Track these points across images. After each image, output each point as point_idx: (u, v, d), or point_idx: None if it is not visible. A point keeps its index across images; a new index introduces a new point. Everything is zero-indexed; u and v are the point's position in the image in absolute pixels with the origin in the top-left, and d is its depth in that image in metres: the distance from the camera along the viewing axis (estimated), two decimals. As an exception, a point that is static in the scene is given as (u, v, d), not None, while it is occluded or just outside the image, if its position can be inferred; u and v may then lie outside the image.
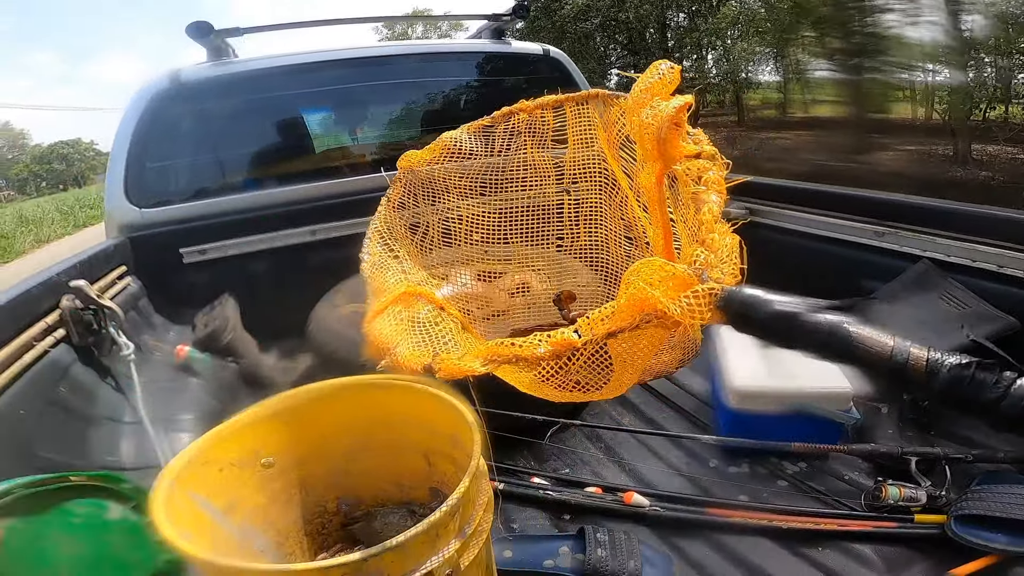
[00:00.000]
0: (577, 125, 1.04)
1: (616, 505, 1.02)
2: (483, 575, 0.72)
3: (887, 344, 0.40)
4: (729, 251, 0.45)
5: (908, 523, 0.92)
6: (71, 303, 1.19)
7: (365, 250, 0.68)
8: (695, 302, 0.42)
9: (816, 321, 0.41)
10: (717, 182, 0.49)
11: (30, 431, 0.97)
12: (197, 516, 0.63)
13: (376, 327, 0.50)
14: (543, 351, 0.44)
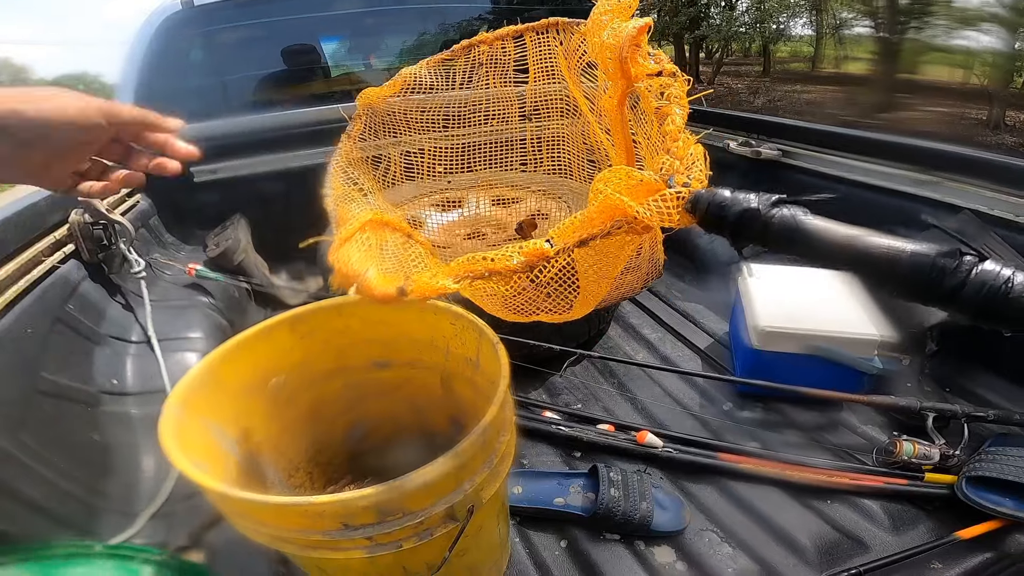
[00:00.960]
0: (538, 54, 1.02)
1: (628, 444, 1.01)
2: (499, 510, 0.71)
3: (848, 234, 0.40)
4: (695, 158, 0.45)
5: (918, 481, 0.91)
6: (80, 217, 1.16)
7: (328, 184, 0.66)
8: (664, 205, 0.42)
9: (781, 216, 0.41)
10: (680, 96, 0.48)
11: (36, 351, 0.95)
12: (208, 444, 0.61)
13: (342, 254, 0.47)
14: (516, 262, 0.42)
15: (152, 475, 0.98)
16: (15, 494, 0.79)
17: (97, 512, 0.89)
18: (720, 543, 0.86)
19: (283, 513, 0.50)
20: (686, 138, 0.46)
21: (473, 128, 1.33)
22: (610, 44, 0.53)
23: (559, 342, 1.20)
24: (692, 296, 1.58)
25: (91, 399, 1.03)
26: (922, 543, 0.82)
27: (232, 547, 0.85)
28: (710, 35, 11.25)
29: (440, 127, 1.29)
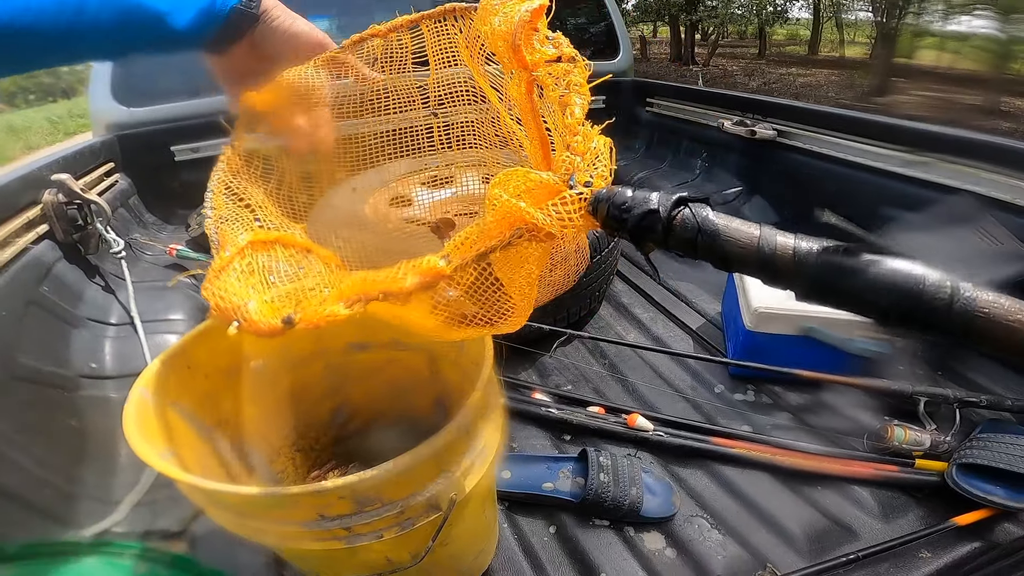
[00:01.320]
0: (437, 44, 0.96)
1: (619, 428, 0.99)
2: (485, 498, 0.69)
3: (753, 235, 0.37)
4: (596, 153, 0.41)
5: (908, 468, 0.90)
6: (53, 197, 1.12)
7: (207, 205, 0.60)
8: (564, 210, 0.38)
9: (684, 218, 0.38)
10: (580, 84, 0.44)
11: (10, 334, 0.93)
12: (182, 431, 0.58)
13: (218, 286, 0.42)
14: (410, 283, 0.38)
15: (132, 462, 0.96)
16: None
17: (76, 500, 0.87)
18: (710, 529, 0.85)
19: (256, 504, 0.48)
20: (586, 131, 0.42)
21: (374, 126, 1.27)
22: (502, 31, 0.49)
23: (549, 322, 1.18)
24: (684, 275, 1.56)
25: (69, 383, 1.00)
26: (913, 531, 0.81)
27: (218, 535, 0.83)
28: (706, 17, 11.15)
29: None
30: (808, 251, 0.35)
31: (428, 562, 0.56)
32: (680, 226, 0.38)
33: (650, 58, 12.72)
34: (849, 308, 0.35)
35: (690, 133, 1.94)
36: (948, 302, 0.31)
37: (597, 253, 1.20)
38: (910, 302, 0.32)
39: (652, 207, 0.38)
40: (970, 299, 0.31)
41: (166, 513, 0.87)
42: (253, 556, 0.80)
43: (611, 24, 2.21)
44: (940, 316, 0.31)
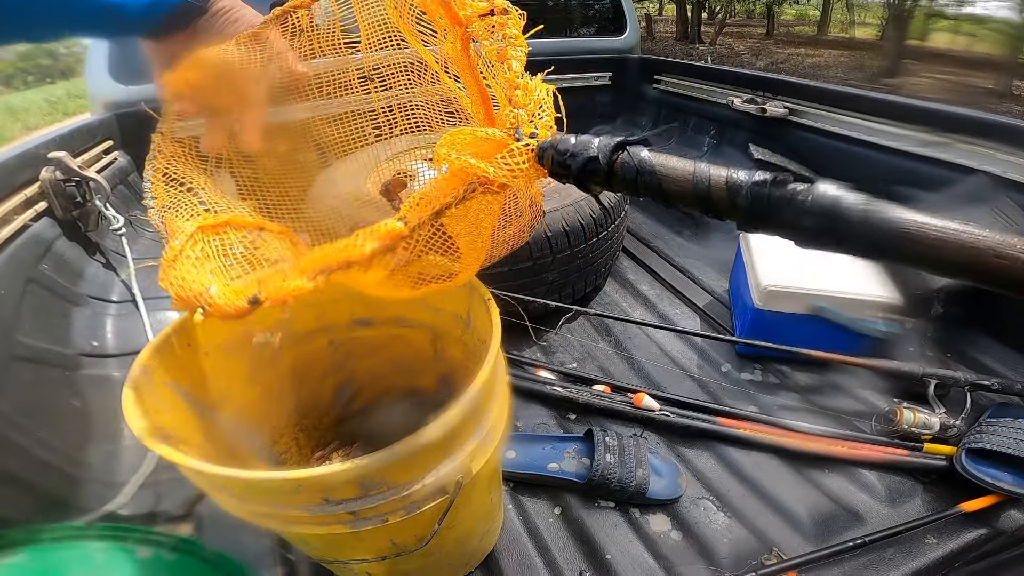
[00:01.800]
0: (364, 9, 0.92)
1: (625, 407, 0.98)
2: (491, 480, 0.68)
3: (688, 171, 0.39)
4: (540, 103, 0.42)
5: (917, 452, 0.89)
6: (51, 175, 1.10)
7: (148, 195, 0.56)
8: (512, 161, 0.40)
9: (623, 161, 0.40)
10: (516, 36, 0.44)
11: (9, 313, 0.91)
12: (183, 412, 0.57)
13: (175, 275, 0.41)
14: (370, 249, 0.38)
15: (136, 443, 0.95)
16: None
17: (80, 483, 0.86)
18: (716, 512, 0.84)
19: (258, 488, 0.46)
20: (525, 83, 0.42)
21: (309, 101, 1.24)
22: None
23: (555, 298, 1.17)
24: (691, 252, 1.55)
25: (70, 362, 0.99)
26: (920, 516, 0.80)
27: (223, 518, 0.83)
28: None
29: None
30: (740, 183, 0.37)
31: (434, 545, 0.55)
32: (620, 169, 0.40)
33: (655, 37, 12.53)
34: (778, 233, 0.37)
35: (698, 110, 1.90)
36: (864, 219, 0.33)
37: (603, 228, 1.19)
38: (830, 222, 0.34)
39: (592, 154, 0.40)
40: (885, 216, 0.33)
41: (170, 495, 0.87)
42: (258, 539, 0.79)
43: (617, 0, 2.16)
44: (857, 232, 0.33)
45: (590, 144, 0.40)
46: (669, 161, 0.40)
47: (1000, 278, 0.31)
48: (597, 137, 0.41)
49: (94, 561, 0.60)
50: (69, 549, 0.60)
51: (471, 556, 0.75)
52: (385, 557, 0.57)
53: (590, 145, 0.40)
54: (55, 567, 0.58)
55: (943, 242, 0.32)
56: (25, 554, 0.57)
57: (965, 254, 0.31)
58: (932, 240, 0.32)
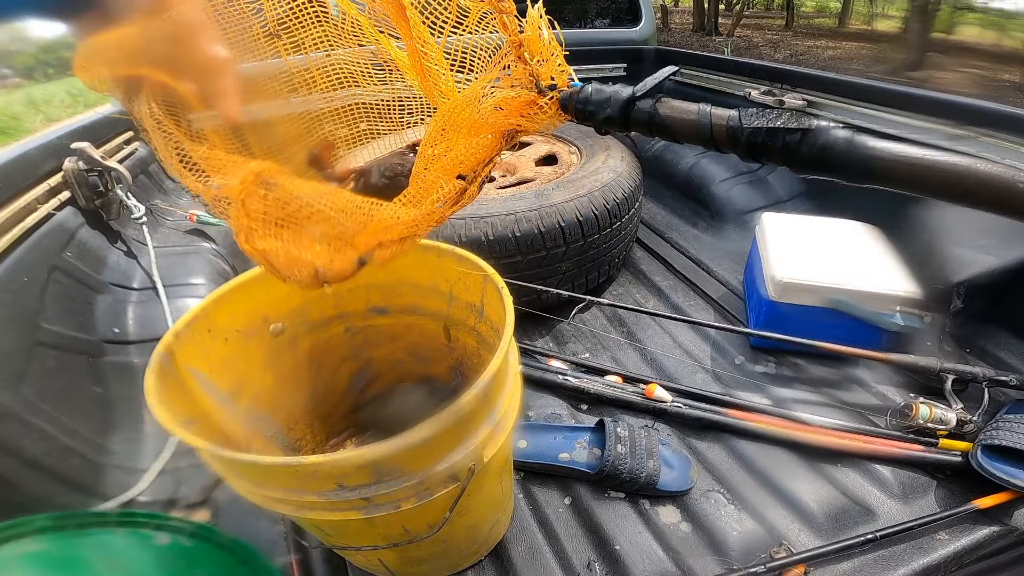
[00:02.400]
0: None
1: (637, 398, 0.98)
2: (503, 468, 0.69)
3: (693, 111, 0.45)
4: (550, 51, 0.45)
5: (932, 447, 0.89)
6: (74, 165, 1.13)
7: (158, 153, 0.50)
8: (543, 114, 0.44)
9: (640, 108, 0.46)
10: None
11: (34, 300, 0.93)
12: (200, 398, 0.58)
13: (266, 248, 0.40)
14: (447, 211, 0.43)
15: (156, 429, 0.97)
16: (16, 452, 0.77)
17: (102, 469, 0.88)
18: (726, 504, 0.84)
19: (275, 474, 0.47)
20: (529, 38, 0.44)
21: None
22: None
23: (568, 288, 1.17)
24: (706, 243, 1.54)
25: (93, 349, 1.01)
26: (933, 512, 0.80)
27: (239, 505, 0.84)
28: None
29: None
30: (738, 129, 0.42)
31: (445, 532, 0.56)
32: (635, 115, 0.46)
33: (671, 28, 12.39)
34: (776, 161, 0.43)
35: (715, 102, 1.88)
36: (848, 148, 0.40)
37: (616, 219, 1.18)
38: (820, 154, 0.41)
39: (609, 112, 0.46)
40: (867, 145, 0.40)
41: (188, 481, 0.89)
42: (272, 526, 0.81)
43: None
44: (846, 159, 0.40)
45: (608, 99, 0.45)
46: (678, 106, 0.45)
47: (954, 193, 0.38)
48: (611, 89, 0.46)
49: (114, 548, 0.61)
50: (90, 536, 0.61)
51: (481, 544, 0.76)
52: (397, 544, 0.57)
53: (608, 100, 0.45)
54: (76, 554, 0.60)
55: (911, 166, 0.39)
56: (47, 541, 0.58)
57: (928, 174, 0.38)
58: (904, 164, 0.39)
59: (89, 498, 0.83)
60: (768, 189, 1.60)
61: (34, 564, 0.57)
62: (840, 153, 0.40)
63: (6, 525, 0.55)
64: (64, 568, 0.59)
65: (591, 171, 1.24)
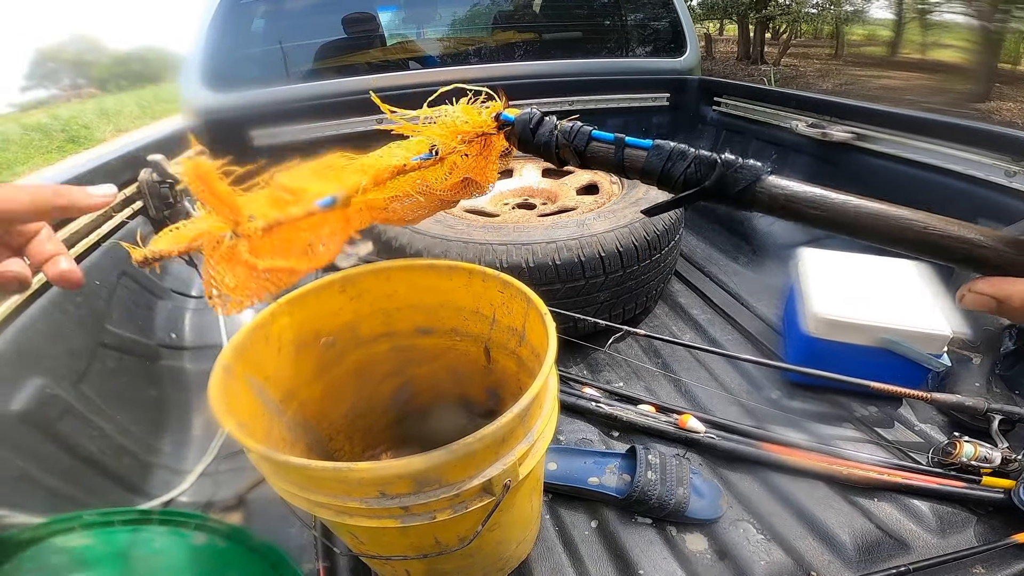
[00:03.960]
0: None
1: (669, 427, 0.99)
2: (534, 488, 0.71)
3: (611, 152, 0.49)
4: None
5: (974, 484, 0.87)
6: (149, 176, 1.21)
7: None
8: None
9: (566, 129, 0.51)
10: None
11: (102, 303, 1.00)
12: (253, 403, 0.62)
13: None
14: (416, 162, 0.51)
15: (201, 433, 1.02)
16: (74, 449, 0.82)
17: (150, 469, 0.93)
18: (755, 534, 0.84)
19: (322, 479, 0.50)
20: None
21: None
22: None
23: (605, 318, 1.19)
24: (745, 278, 1.53)
25: (150, 353, 1.08)
26: (969, 546, 0.78)
27: (270, 508, 0.88)
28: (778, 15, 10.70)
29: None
30: (640, 155, 0.48)
31: (474, 546, 0.58)
32: (566, 138, 0.51)
33: (716, 56, 12.33)
34: (668, 188, 0.48)
35: (759, 134, 1.88)
36: (742, 183, 0.45)
37: (656, 251, 1.20)
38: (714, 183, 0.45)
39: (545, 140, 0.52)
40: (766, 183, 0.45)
41: (225, 485, 0.93)
42: (302, 531, 0.84)
43: (677, 19, 2.16)
44: (732, 191, 0.45)
45: (542, 136, 0.52)
46: (599, 149, 0.50)
47: (872, 233, 0.41)
48: (548, 128, 0.52)
49: (154, 545, 0.66)
50: (133, 532, 0.65)
51: (507, 561, 0.77)
52: (427, 555, 0.59)
53: (542, 138, 0.52)
54: (119, 550, 0.64)
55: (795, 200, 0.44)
56: (93, 535, 0.62)
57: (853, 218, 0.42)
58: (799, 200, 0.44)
59: (136, 496, 0.88)
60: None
61: (80, 556, 0.61)
62: (727, 187, 0.45)
63: (56, 520, 0.59)
64: (107, 562, 0.63)
65: (632, 201, 1.26)
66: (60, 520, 0.60)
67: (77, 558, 0.61)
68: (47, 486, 0.76)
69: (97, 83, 22.81)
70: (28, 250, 0.42)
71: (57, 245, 0.43)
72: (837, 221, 0.42)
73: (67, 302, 0.92)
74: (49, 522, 0.59)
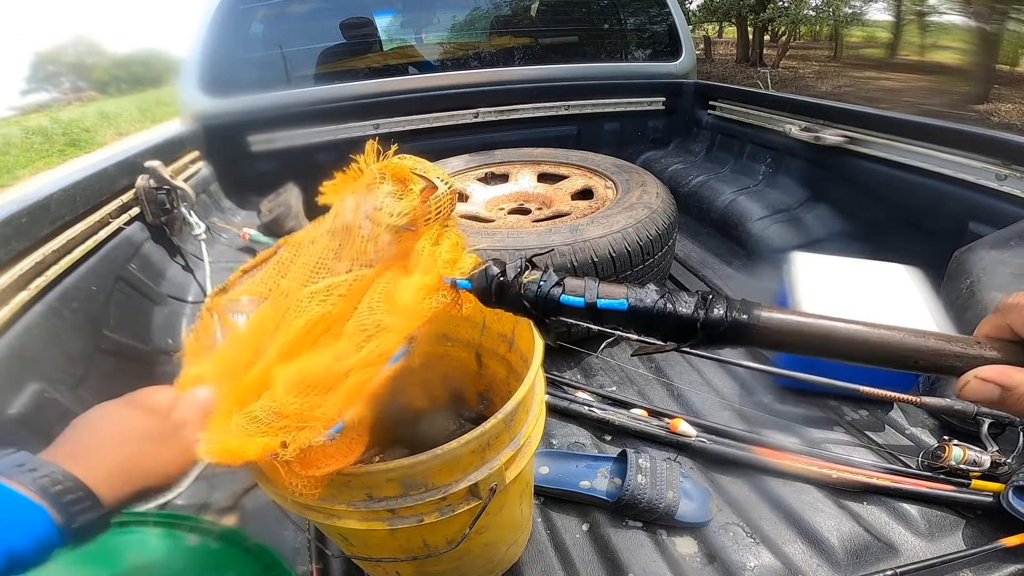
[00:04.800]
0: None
1: (661, 431, 0.99)
2: (523, 491, 0.72)
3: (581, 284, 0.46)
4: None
5: (963, 488, 0.87)
6: (146, 182, 1.22)
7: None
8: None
9: (531, 291, 0.46)
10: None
11: (99, 308, 1.01)
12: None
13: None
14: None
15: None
16: None
17: None
18: (745, 538, 0.84)
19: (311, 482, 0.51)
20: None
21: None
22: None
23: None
24: (740, 282, 1.54)
25: (147, 358, 1.08)
26: (958, 550, 0.79)
27: (264, 511, 0.89)
28: (777, 17, 10.72)
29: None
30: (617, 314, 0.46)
31: (463, 549, 0.59)
32: (531, 297, 0.46)
33: (715, 59, 12.36)
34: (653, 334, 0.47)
35: (753, 137, 1.89)
36: (729, 338, 0.42)
37: (649, 256, 1.20)
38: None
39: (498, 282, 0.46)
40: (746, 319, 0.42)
41: (220, 488, 0.94)
42: (296, 534, 0.85)
43: (673, 24, 2.17)
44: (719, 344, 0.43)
45: (507, 299, 0.46)
46: (571, 312, 0.46)
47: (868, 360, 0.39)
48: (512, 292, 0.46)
49: (149, 545, 0.67)
50: (128, 534, 0.67)
51: (497, 564, 0.78)
52: (416, 557, 0.60)
53: (508, 299, 0.46)
54: (114, 550, 0.65)
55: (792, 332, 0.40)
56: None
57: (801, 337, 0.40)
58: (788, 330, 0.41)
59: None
60: (805, 228, 1.59)
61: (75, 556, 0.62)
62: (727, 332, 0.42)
63: None
64: (103, 560, 0.64)
65: (626, 206, 1.27)
66: (54, 521, 0.61)
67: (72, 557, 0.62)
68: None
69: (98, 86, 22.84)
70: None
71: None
72: (827, 352, 0.40)
73: (64, 308, 0.93)
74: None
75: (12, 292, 0.85)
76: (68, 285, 0.95)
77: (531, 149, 1.76)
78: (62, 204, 1.00)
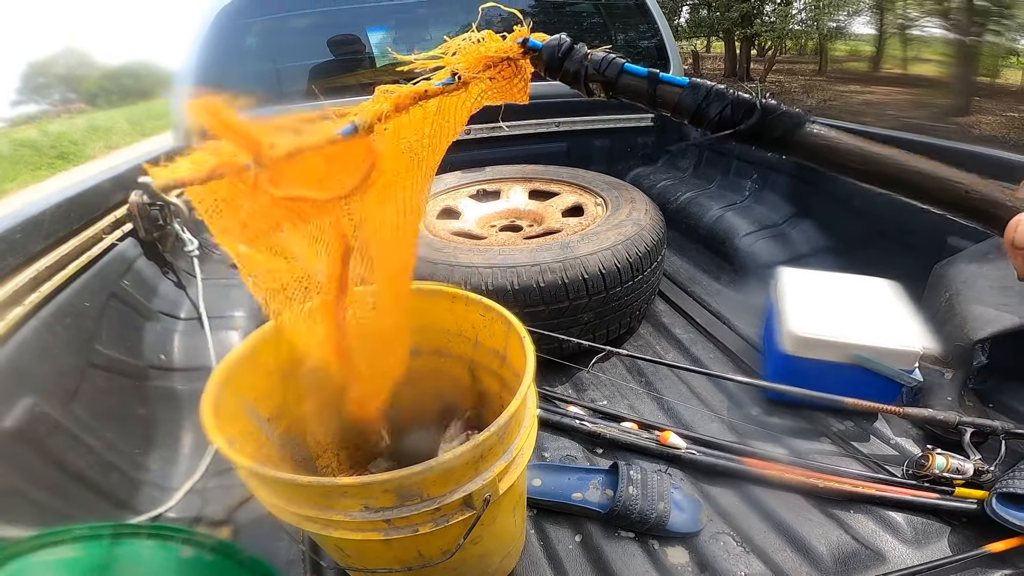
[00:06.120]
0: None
1: (651, 444, 1.01)
2: (516, 502, 0.73)
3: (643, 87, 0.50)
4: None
5: (947, 495, 0.90)
6: (139, 198, 1.23)
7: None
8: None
9: (597, 59, 0.50)
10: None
11: (92, 324, 1.01)
12: (244, 422, 0.64)
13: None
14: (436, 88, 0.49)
15: (190, 451, 1.03)
16: (63, 465, 0.83)
17: (137, 485, 0.94)
18: (735, 547, 0.86)
19: (307, 492, 0.52)
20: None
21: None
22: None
23: (589, 338, 1.21)
24: (727, 297, 1.56)
25: (140, 373, 1.08)
26: (944, 556, 0.80)
27: (258, 524, 0.89)
28: (763, 32, 10.92)
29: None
30: (674, 92, 0.49)
31: (457, 559, 0.60)
32: (595, 68, 0.51)
33: (703, 74, 12.56)
34: (702, 127, 0.49)
35: (740, 154, 1.92)
36: (779, 131, 0.46)
37: (639, 272, 1.22)
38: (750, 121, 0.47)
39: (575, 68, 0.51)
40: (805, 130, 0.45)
41: (214, 501, 0.94)
42: (291, 546, 0.85)
43: (661, 40, 2.21)
44: (769, 136, 0.47)
45: (571, 65, 0.51)
46: (631, 82, 0.50)
47: (912, 191, 0.44)
48: (578, 57, 0.51)
49: (143, 557, 0.66)
50: (122, 546, 0.66)
51: (492, 575, 0.79)
52: (411, 568, 0.61)
53: (571, 66, 0.51)
54: (107, 562, 0.65)
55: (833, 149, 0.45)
56: (83, 548, 0.63)
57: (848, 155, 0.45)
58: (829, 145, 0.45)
59: (124, 511, 0.89)
60: (791, 244, 1.62)
61: (68, 568, 0.62)
62: (769, 129, 0.46)
63: (46, 533, 0.60)
64: (95, 573, 0.64)
65: (615, 224, 1.29)
66: (49, 534, 0.61)
67: (66, 568, 0.62)
68: (37, 501, 0.78)
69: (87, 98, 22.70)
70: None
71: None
72: (878, 175, 0.44)
73: (58, 323, 0.93)
74: (39, 535, 0.60)
75: (7, 307, 0.85)
76: (62, 301, 0.96)
77: (522, 166, 1.78)
78: (56, 220, 1.00)
